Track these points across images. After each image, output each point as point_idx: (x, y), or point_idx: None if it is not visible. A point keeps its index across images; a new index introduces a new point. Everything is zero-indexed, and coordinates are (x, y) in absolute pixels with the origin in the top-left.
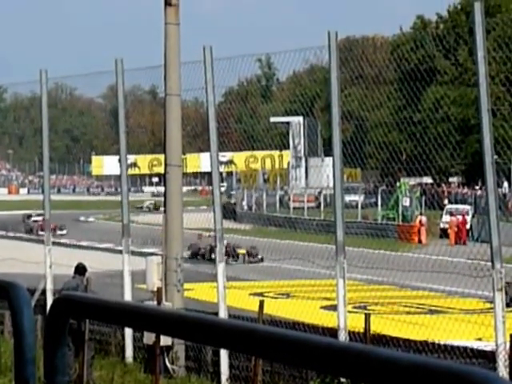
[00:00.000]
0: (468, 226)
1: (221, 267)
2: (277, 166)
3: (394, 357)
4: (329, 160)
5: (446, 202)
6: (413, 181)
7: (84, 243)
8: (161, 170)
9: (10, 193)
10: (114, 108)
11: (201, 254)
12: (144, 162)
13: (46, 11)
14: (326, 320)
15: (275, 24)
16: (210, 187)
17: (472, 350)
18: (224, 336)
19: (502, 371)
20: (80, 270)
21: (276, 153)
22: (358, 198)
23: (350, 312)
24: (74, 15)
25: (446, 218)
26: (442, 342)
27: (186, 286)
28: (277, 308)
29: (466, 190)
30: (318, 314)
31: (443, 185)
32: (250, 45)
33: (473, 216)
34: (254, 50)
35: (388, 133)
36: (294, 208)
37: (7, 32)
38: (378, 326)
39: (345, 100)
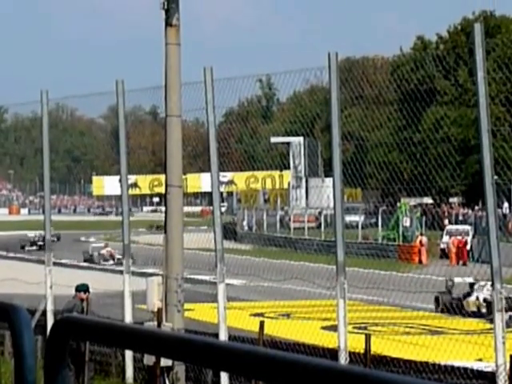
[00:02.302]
0: (468, 247)
1: (221, 288)
2: (277, 186)
3: (395, 380)
4: (329, 180)
5: (446, 222)
6: (413, 201)
7: (85, 263)
8: (161, 190)
9: (10, 213)
10: (115, 128)
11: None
12: (145, 183)
13: (46, 32)
14: (327, 340)
15: (275, 44)
16: (211, 207)
17: (472, 370)
18: (224, 359)
19: None
20: (78, 290)
21: (276, 173)
22: (359, 219)
23: (350, 332)
24: (74, 36)
25: (446, 238)
26: (442, 363)
27: (187, 306)
28: (277, 328)
29: (466, 210)
30: (318, 334)
31: (443, 205)
32: (250, 65)
33: (473, 236)
34: (255, 70)
35: (388, 153)
36: (295, 228)
37: (8, 52)
38: (379, 346)
39: (345, 120)
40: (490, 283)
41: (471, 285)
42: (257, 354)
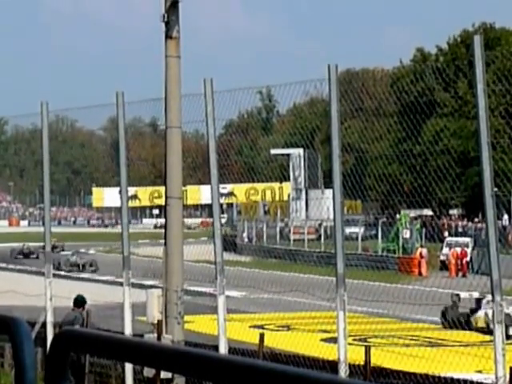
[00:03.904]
0: (468, 259)
1: (221, 300)
2: (277, 197)
3: None
4: (329, 192)
5: (446, 234)
6: (413, 213)
7: (85, 275)
8: (161, 201)
9: (10, 225)
10: (115, 140)
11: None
12: (144, 194)
13: (47, 44)
14: (327, 353)
15: (275, 57)
16: (211, 219)
17: (472, 382)
18: (224, 372)
19: None
20: (78, 302)
21: (276, 185)
22: (359, 230)
23: (350, 344)
24: (74, 48)
25: (446, 250)
26: (442, 375)
27: (187, 318)
28: (277, 340)
29: (466, 222)
30: (318, 346)
31: (443, 217)
32: (250, 77)
33: (473, 248)
34: (255, 82)
35: (388, 165)
36: (295, 240)
37: (7, 64)
38: (379, 358)
39: (345, 132)
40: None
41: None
42: (257, 367)
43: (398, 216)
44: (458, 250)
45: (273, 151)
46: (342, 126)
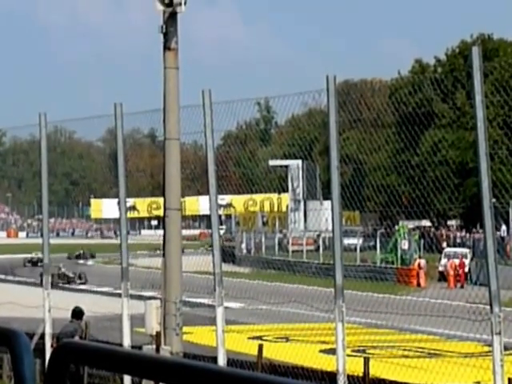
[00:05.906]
0: (466, 270)
1: (220, 311)
2: (276, 208)
3: None
4: (327, 203)
5: (444, 245)
6: (411, 224)
7: (83, 286)
8: (160, 213)
9: (8, 236)
10: (113, 151)
11: None
12: (143, 205)
13: (45, 55)
14: (325, 364)
15: (274, 67)
16: (209, 230)
17: None
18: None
19: None
20: (77, 314)
21: (275, 196)
22: (357, 241)
23: (349, 356)
24: (72, 59)
25: (444, 261)
26: None
27: (185, 329)
28: (276, 352)
29: (464, 233)
30: (317, 357)
31: (442, 228)
32: (248, 88)
33: (471, 259)
34: (253, 93)
35: (386, 176)
36: (293, 251)
37: (6, 75)
38: (377, 369)
39: (343, 143)
40: None
41: None
42: (255, 379)
43: (396, 227)
44: (457, 260)
45: (271, 162)
46: (341, 136)
